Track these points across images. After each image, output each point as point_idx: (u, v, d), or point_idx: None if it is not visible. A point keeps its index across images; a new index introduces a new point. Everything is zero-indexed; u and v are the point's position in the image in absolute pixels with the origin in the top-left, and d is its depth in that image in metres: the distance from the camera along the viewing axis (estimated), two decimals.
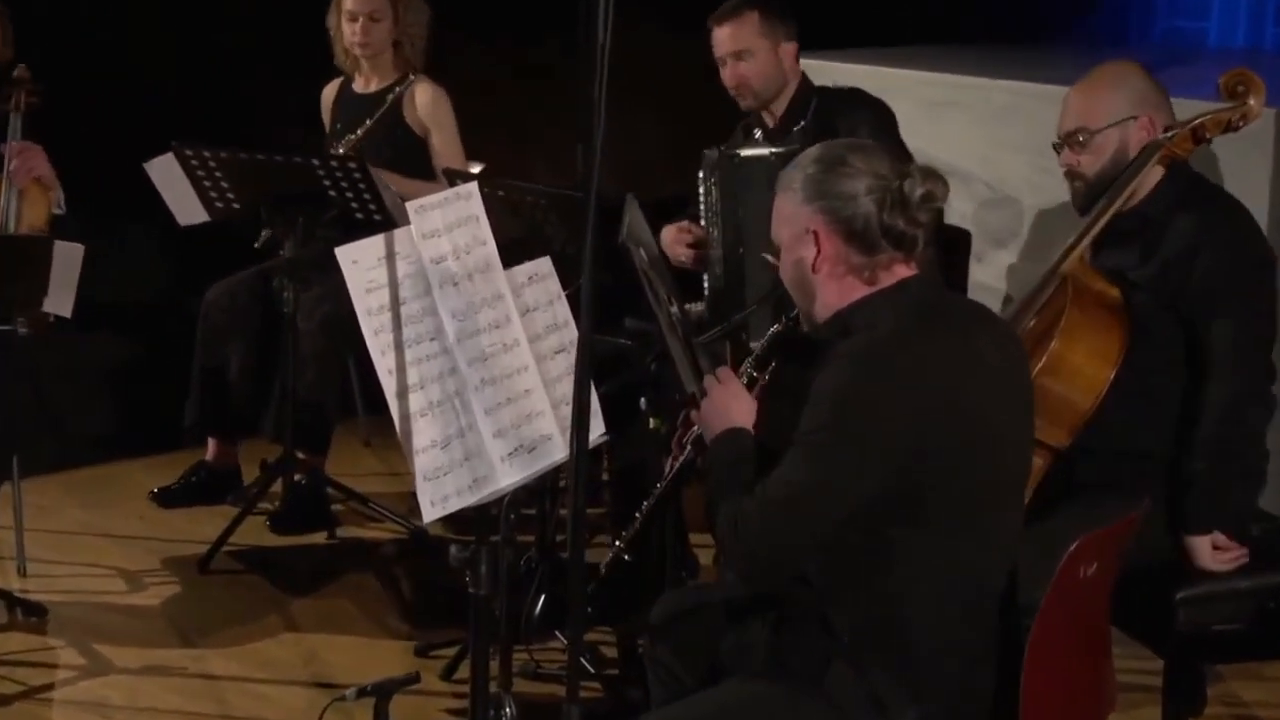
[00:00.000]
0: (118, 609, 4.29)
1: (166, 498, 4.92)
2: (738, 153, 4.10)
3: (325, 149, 4.95)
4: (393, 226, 2.82)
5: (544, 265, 2.98)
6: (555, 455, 2.87)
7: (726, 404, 2.73)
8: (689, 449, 3.00)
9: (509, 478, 2.80)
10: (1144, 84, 3.39)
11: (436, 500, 2.70)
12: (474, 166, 4.96)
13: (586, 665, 3.82)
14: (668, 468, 3.14)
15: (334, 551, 4.69)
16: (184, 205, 4.60)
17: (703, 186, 4.16)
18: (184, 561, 4.55)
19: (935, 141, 4.81)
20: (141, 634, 4.15)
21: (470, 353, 2.78)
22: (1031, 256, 4.74)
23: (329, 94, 5.09)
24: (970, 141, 4.97)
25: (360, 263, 2.70)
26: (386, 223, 4.35)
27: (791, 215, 2.65)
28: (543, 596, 3.97)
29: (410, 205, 2.81)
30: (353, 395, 5.18)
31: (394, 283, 2.72)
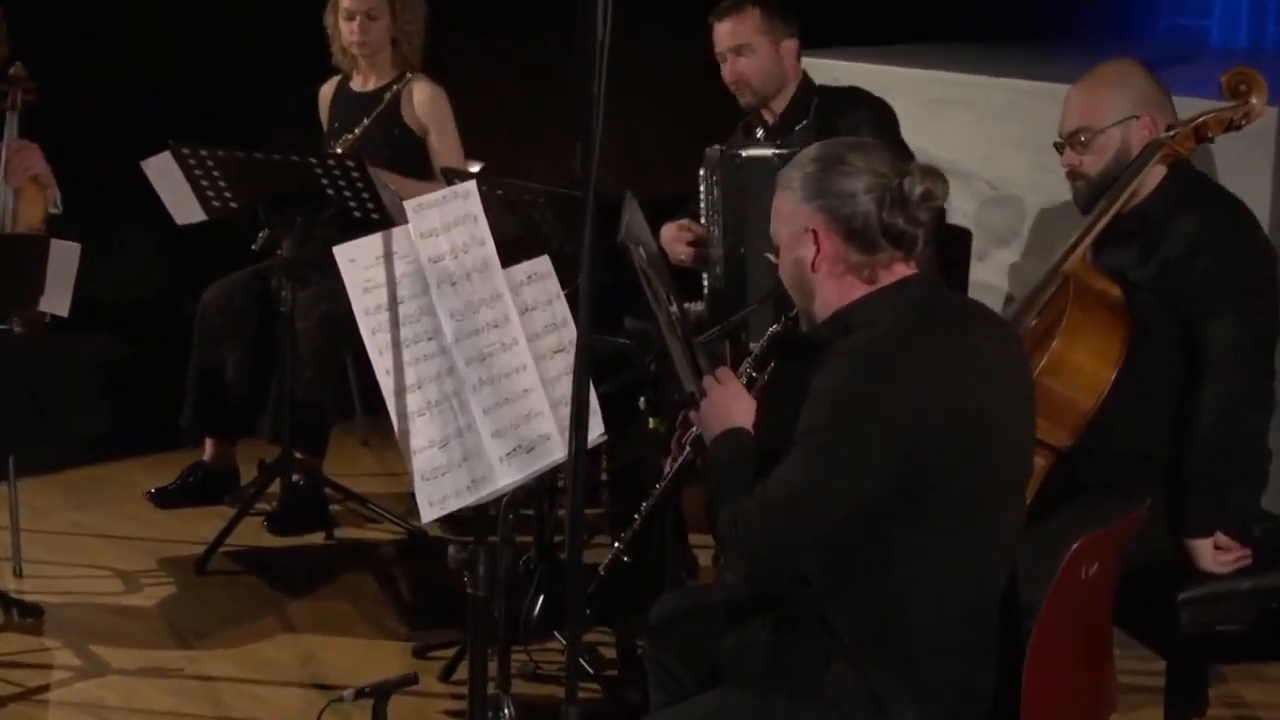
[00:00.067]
0: (114, 610, 4.29)
1: (163, 498, 4.92)
2: (739, 152, 4.10)
3: (323, 147, 4.93)
4: (391, 225, 2.82)
5: (543, 264, 2.98)
6: (554, 455, 2.87)
7: (726, 404, 2.73)
8: (688, 449, 3.00)
9: (507, 478, 2.80)
10: (1146, 83, 3.39)
11: (435, 500, 2.70)
12: (473, 165, 4.95)
13: (585, 666, 3.82)
14: (667, 468, 3.14)
15: (332, 552, 4.68)
16: (181, 204, 4.60)
17: (703, 185, 4.16)
18: (181, 562, 4.54)
19: (936, 140, 4.80)
20: (138, 635, 4.15)
21: (468, 352, 2.78)
22: (1033, 255, 4.74)
23: (326, 92, 5.08)
24: (971, 140, 4.96)
25: (358, 261, 2.70)
26: (384, 222, 4.34)
27: (790, 214, 2.65)
28: (541, 597, 3.96)
29: (408, 204, 2.81)
30: (351, 395, 5.19)
31: (392, 282, 2.71)
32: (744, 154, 4.09)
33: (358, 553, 4.68)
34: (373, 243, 2.72)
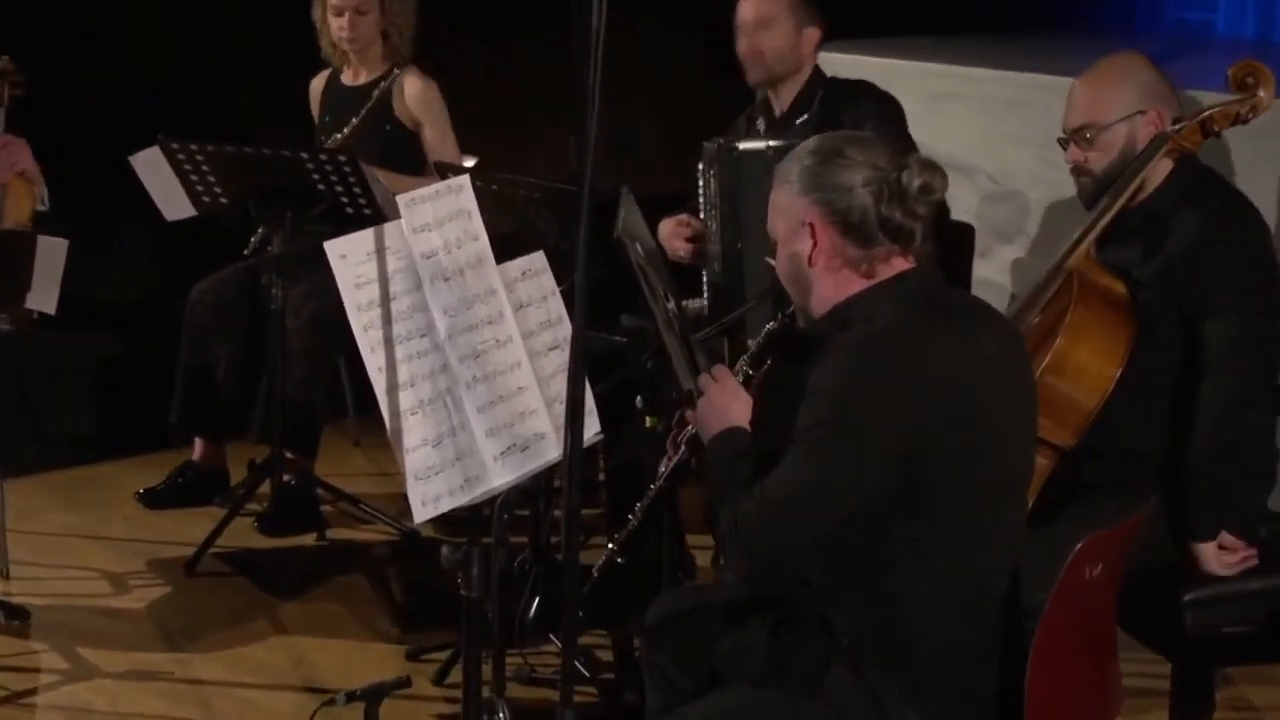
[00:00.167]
0: (102, 612, 4.27)
1: (153, 499, 4.90)
2: (737, 146, 4.09)
3: (313, 142, 4.92)
4: (383, 221, 2.81)
5: (537, 260, 2.97)
6: (549, 454, 2.87)
7: (725, 403, 2.72)
8: (683, 449, 2.99)
9: (502, 477, 2.79)
10: (1151, 77, 3.37)
11: (428, 500, 2.69)
12: (467, 160, 4.93)
13: (581, 669, 3.82)
14: (662, 468, 3.12)
15: (323, 553, 4.67)
16: (170, 200, 4.59)
17: (702, 179, 4.15)
18: (170, 564, 4.53)
19: (938, 134, 4.80)
20: (127, 638, 4.13)
21: (462, 349, 2.77)
22: (1036, 251, 4.73)
23: (317, 85, 5.07)
24: (974, 134, 4.96)
25: (349, 257, 2.69)
26: (376, 217, 4.33)
27: (787, 207, 2.64)
28: (537, 599, 3.96)
29: (401, 199, 2.80)
30: (342, 394, 5.18)
31: (384, 278, 2.70)
32: (741, 147, 4.08)
33: (350, 554, 4.66)
34: (364, 238, 2.71)
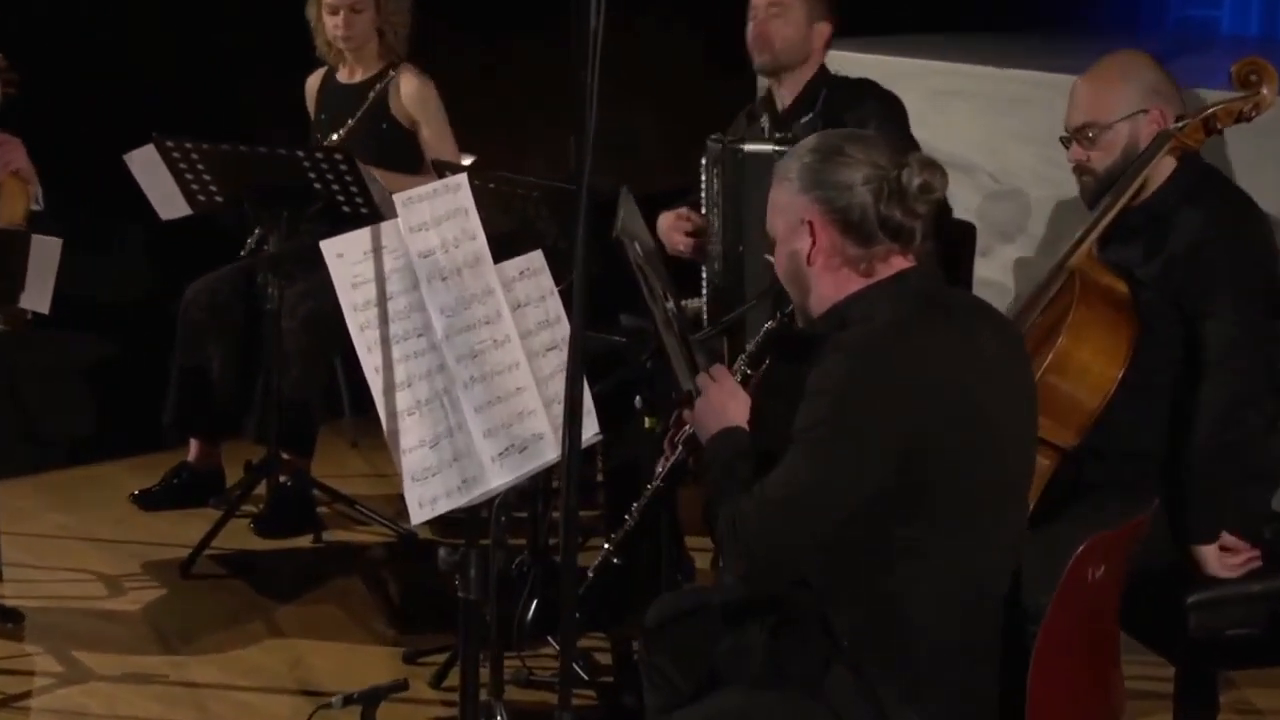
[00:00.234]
0: (97, 614, 4.27)
1: (148, 500, 4.89)
2: (741, 147, 4.09)
3: (310, 140, 4.91)
4: (380, 220, 2.81)
5: (536, 259, 2.97)
6: (547, 455, 2.86)
7: (723, 403, 2.71)
8: (680, 449, 2.99)
9: (500, 478, 2.78)
10: (1154, 75, 3.36)
11: (425, 502, 2.68)
12: (466, 159, 4.92)
13: (579, 672, 3.81)
14: (659, 468, 3.13)
15: (320, 555, 4.66)
16: (165, 199, 4.59)
17: (704, 176, 4.14)
18: (165, 566, 4.52)
19: (939, 132, 4.80)
20: (121, 640, 4.12)
21: (459, 349, 2.77)
22: (1038, 250, 4.73)
23: (313, 83, 5.06)
24: (975, 132, 4.96)
25: (345, 256, 2.68)
26: (373, 216, 4.33)
27: (787, 205, 2.64)
28: (535, 601, 3.95)
29: (397, 197, 2.80)
30: (339, 395, 5.17)
31: (380, 277, 2.70)
32: (746, 148, 4.08)
33: (346, 556, 4.66)
34: (361, 237, 2.70)
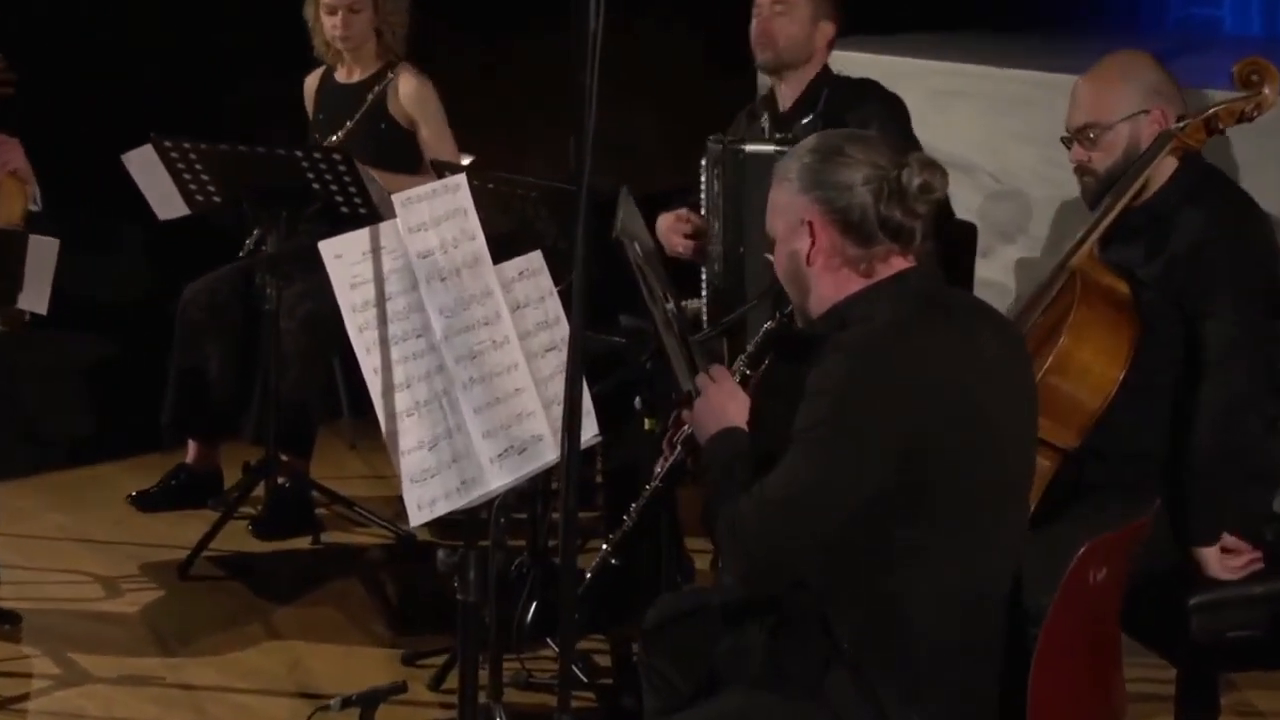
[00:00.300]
0: (94, 616, 4.26)
1: (146, 501, 4.88)
2: (743, 148, 4.08)
3: (308, 140, 4.90)
4: (379, 220, 2.80)
5: (535, 260, 2.97)
6: (546, 456, 2.86)
7: (722, 403, 2.70)
8: (679, 449, 2.99)
9: (499, 480, 2.78)
10: (1155, 75, 3.36)
11: (424, 503, 2.68)
12: (465, 159, 4.92)
13: (579, 674, 3.80)
14: (658, 468, 3.13)
15: (318, 557, 4.65)
16: (163, 199, 4.58)
17: (704, 176, 4.14)
18: (163, 567, 4.51)
19: (940, 132, 4.80)
20: (119, 642, 4.11)
21: (458, 350, 2.77)
22: (1039, 251, 4.73)
23: (311, 83, 5.06)
24: (977, 132, 4.95)
25: (344, 257, 2.68)
26: (372, 216, 4.32)
27: (786, 205, 2.64)
28: (534, 603, 3.94)
29: (396, 198, 2.80)
30: (338, 396, 5.16)
31: (379, 278, 2.70)
32: (747, 149, 4.08)
33: (345, 557, 4.65)
34: (359, 238, 2.70)
